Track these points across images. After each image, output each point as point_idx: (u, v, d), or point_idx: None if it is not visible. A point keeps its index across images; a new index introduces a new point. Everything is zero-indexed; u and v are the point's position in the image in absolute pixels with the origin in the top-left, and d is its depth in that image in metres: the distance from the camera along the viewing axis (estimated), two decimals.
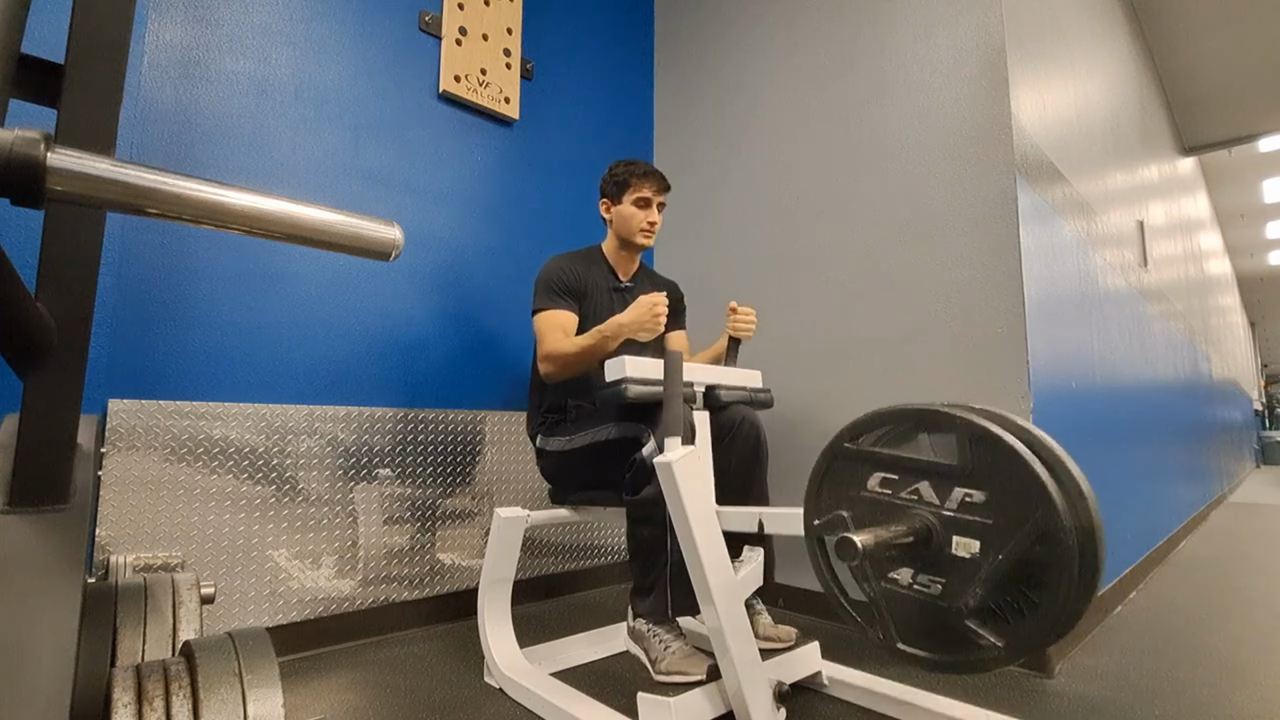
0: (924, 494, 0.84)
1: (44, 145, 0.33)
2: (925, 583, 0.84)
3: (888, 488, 0.88)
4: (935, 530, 0.83)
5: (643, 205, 1.69)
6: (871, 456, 0.90)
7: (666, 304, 1.47)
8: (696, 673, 1.32)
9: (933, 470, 0.84)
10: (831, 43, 2.11)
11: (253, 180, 1.63)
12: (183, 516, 1.46)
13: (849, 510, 0.92)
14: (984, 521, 0.79)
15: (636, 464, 1.37)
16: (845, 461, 0.93)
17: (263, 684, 0.59)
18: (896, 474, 0.87)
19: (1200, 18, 3.74)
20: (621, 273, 1.78)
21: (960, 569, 0.81)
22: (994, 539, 0.78)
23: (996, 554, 0.77)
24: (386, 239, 0.49)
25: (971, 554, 0.79)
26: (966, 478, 0.81)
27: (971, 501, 0.80)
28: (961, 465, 0.81)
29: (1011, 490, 0.76)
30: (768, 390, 1.57)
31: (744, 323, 1.63)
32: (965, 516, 0.80)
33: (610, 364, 1.32)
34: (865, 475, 0.90)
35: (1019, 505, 0.76)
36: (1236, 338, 8.71)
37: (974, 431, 0.80)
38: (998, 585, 0.78)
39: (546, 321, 1.60)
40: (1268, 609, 2.08)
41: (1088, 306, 2.12)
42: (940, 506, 0.83)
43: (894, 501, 0.87)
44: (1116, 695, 1.37)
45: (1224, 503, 5.20)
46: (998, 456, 0.78)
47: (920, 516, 0.84)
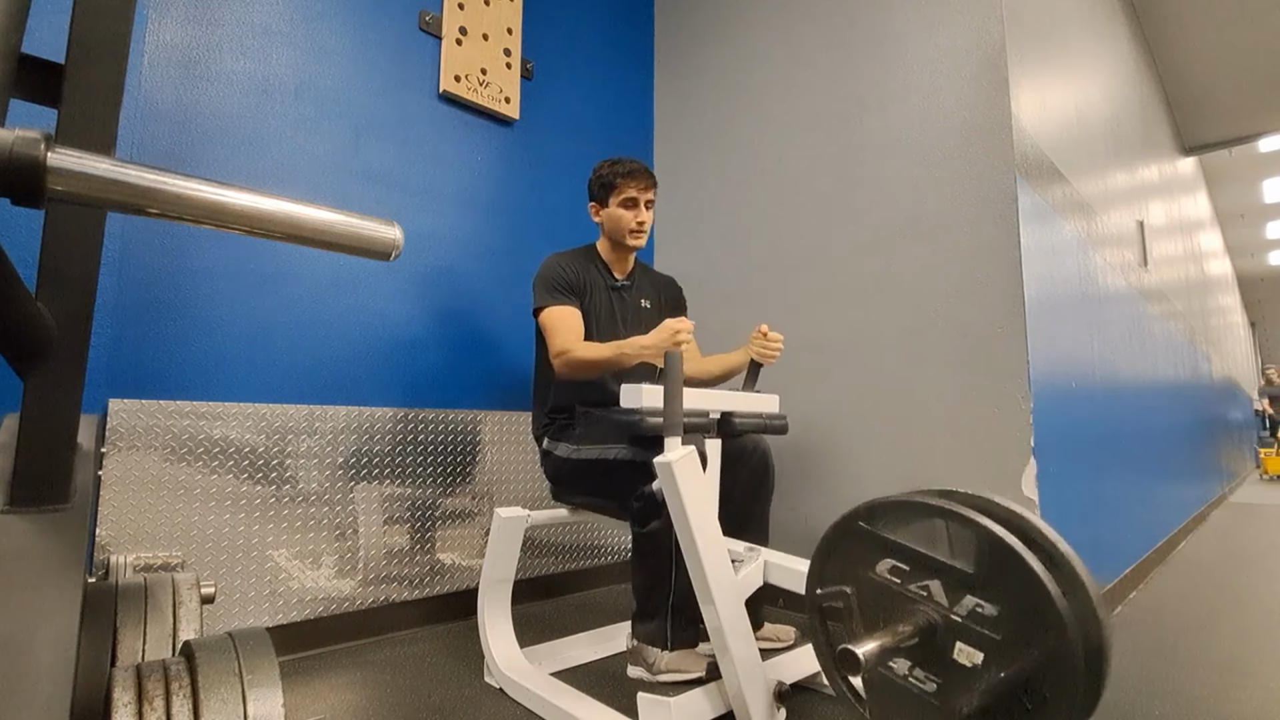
0: (934, 592, 0.82)
1: (44, 145, 0.33)
2: (922, 678, 0.82)
3: (897, 576, 0.86)
4: (939, 632, 0.81)
5: (630, 206, 1.66)
6: (885, 543, 0.87)
7: (690, 331, 1.42)
8: (695, 670, 1.32)
9: (947, 572, 0.81)
10: (831, 43, 2.11)
11: (253, 180, 1.63)
12: (183, 516, 1.46)
13: (853, 588, 0.90)
14: (992, 636, 0.77)
15: (646, 497, 1.35)
16: (857, 540, 0.91)
17: (263, 684, 0.59)
18: (908, 565, 0.85)
19: (1200, 18, 3.74)
20: (617, 271, 1.76)
21: (960, 675, 0.79)
22: (1000, 654, 0.76)
23: (999, 670, 0.76)
24: (386, 239, 0.49)
25: (974, 664, 0.78)
26: (981, 587, 0.78)
27: (982, 613, 0.78)
28: (978, 573, 0.79)
29: (1025, 612, 0.74)
30: (783, 416, 1.54)
31: (772, 350, 1.57)
32: (973, 627, 0.78)
33: (627, 390, 1.29)
34: (876, 559, 0.88)
35: (1032, 628, 0.74)
36: (1236, 338, 8.71)
37: (994, 542, 0.77)
38: (996, 697, 0.76)
39: (554, 318, 1.58)
40: (1268, 609, 2.08)
41: (1088, 306, 2.12)
42: (949, 610, 0.80)
43: (902, 593, 0.85)
44: (1116, 695, 1.37)
45: (1224, 503, 5.20)
46: (1016, 575, 0.75)
47: (926, 615, 0.82)
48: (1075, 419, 1.89)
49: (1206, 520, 4.13)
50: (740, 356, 1.66)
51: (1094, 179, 2.38)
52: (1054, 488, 1.63)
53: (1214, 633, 1.81)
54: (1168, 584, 2.40)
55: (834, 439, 1.94)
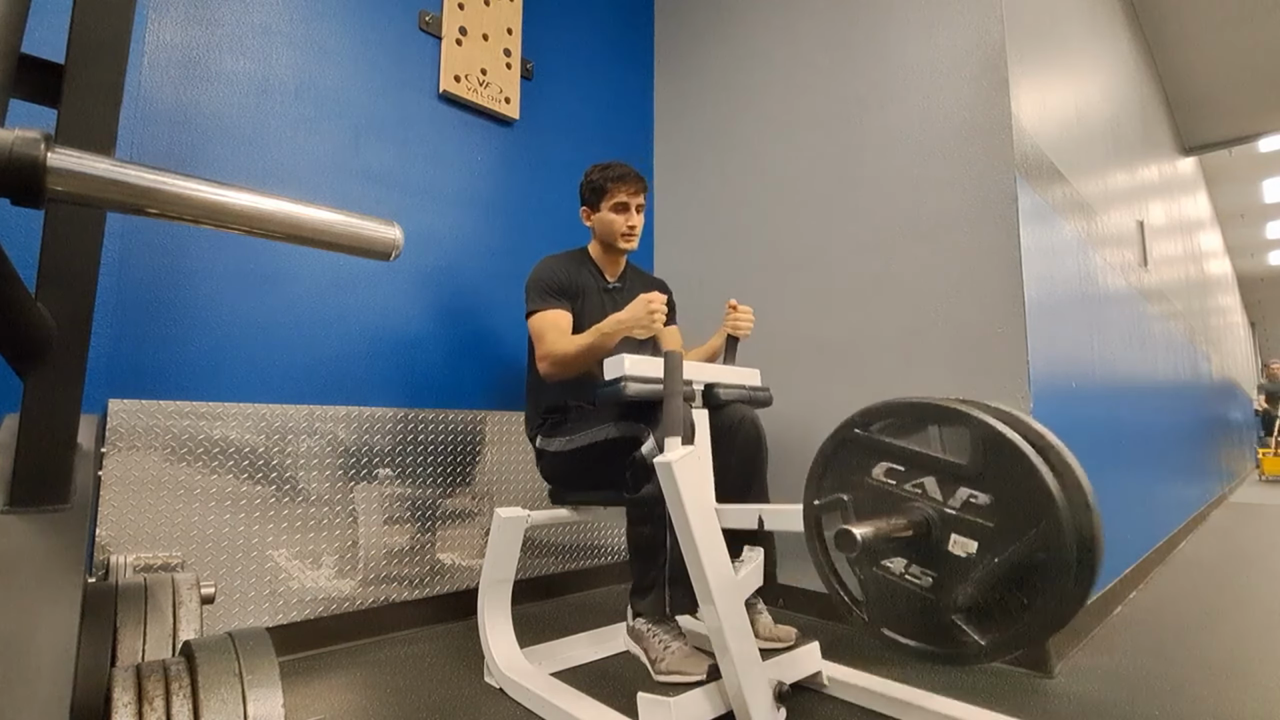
0: (928, 489, 0.84)
1: (44, 145, 0.33)
2: (917, 574, 0.84)
3: (892, 478, 0.88)
4: (935, 526, 0.82)
5: (621, 210, 1.69)
6: (880, 446, 0.89)
7: (665, 302, 1.47)
8: (696, 673, 1.32)
9: (940, 467, 0.83)
10: (831, 43, 2.11)
11: (253, 180, 1.63)
12: (183, 516, 1.46)
13: (851, 495, 0.92)
14: (985, 524, 0.78)
15: (636, 462, 1.37)
16: (853, 447, 0.92)
17: (263, 684, 0.59)
18: (903, 466, 0.87)
19: (1200, 18, 3.74)
20: (609, 274, 1.79)
21: (954, 566, 0.81)
22: (993, 542, 0.78)
23: (993, 557, 0.77)
24: (386, 239, 0.49)
25: (968, 553, 0.79)
26: (973, 479, 0.80)
27: (975, 503, 0.80)
28: (970, 465, 0.81)
29: (1018, 497, 0.76)
30: (766, 389, 1.57)
31: (743, 321, 1.63)
32: (967, 517, 0.80)
33: (609, 362, 1.32)
34: (871, 463, 0.90)
35: (1023, 513, 0.75)
36: (1236, 338, 8.71)
37: (987, 433, 0.79)
38: (989, 585, 0.78)
39: (543, 322, 1.60)
40: (1268, 609, 2.07)
41: (1088, 306, 2.12)
42: (943, 504, 0.82)
43: (897, 493, 0.87)
44: (1116, 695, 1.37)
45: (1224, 503, 5.20)
46: (1008, 462, 0.77)
47: (921, 510, 0.84)
48: (1075, 419, 1.89)
49: (1206, 520, 4.13)
50: (717, 339, 1.72)
51: (1094, 179, 2.37)
52: None
53: (1214, 633, 1.81)
54: (1168, 584, 2.40)
55: None
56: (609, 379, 1.31)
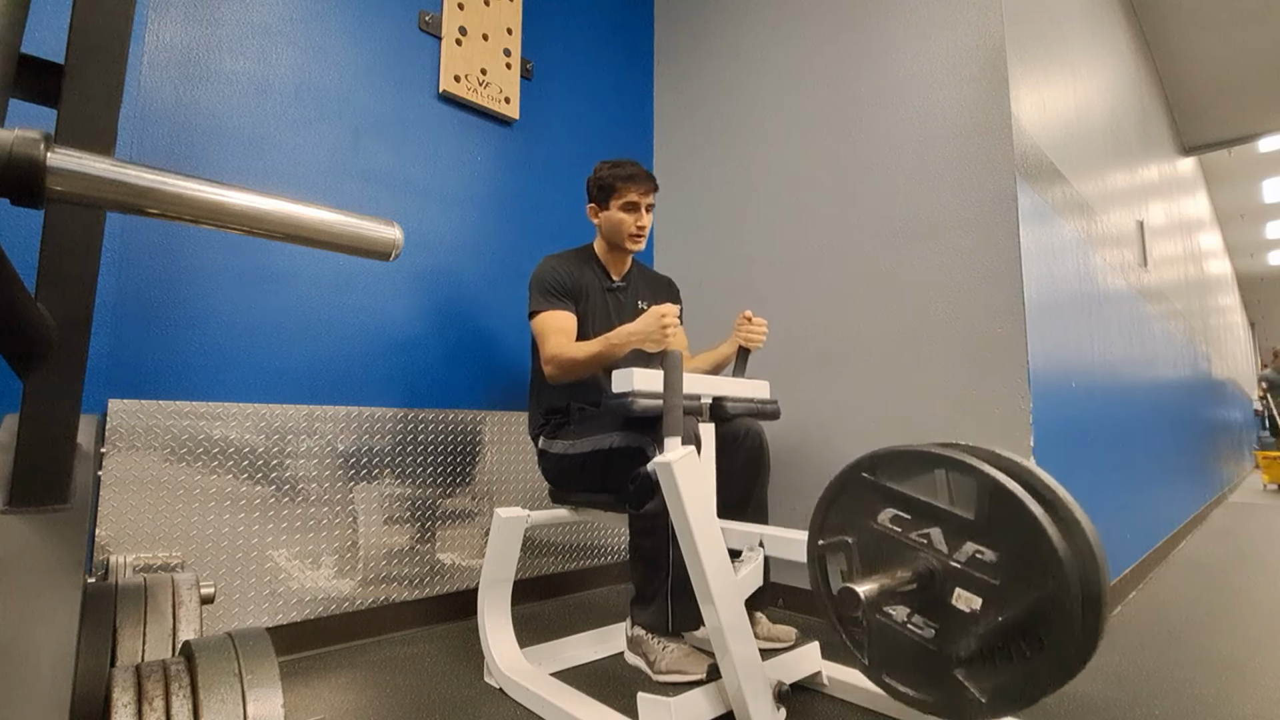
0: (934, 540, 0.82)
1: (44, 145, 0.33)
2: (920, 624, 0.83)
3: (898, 525, 0.86)
4: (939, 578, 0.81)
5: (630, 210, 1.65)
6: (887, 492, 0.88)
7: (677, 316, 1.42)
8: (696, 672, 1.32)
9: (947, 519, 0.82)
10: (831, 43, 2.11)
11: (252, 180, 1.63)
12: (183, 516, 1.46)
13: (855, 537, 0.90)
14: (991, 581, 0.77)
15: (641, 478, 1.35)
16: (859, 490, 0.91)
17: (263, 684, 0.59)
18: (909, 514, 0.85)
19: (1200, 18, 3.74)
20: (614, 272, 1.76)
21: (957, 620, 0.79)
22: (998, 599, 0.76)
23: (997, 615, 0.76)
24: (386, 239, 0.49)
25: (972, 609, 0.78)
26: (980, 534, 0.79)
27: (981, 559, 0.78)
28: (978, 520, 0.79)
29: (1025, 557, 0.74)
30: (775, 401, 1.54)
31: (757, 334, 1.59)
32: (973, 572, 0.78)
33: (618, 375, 1.29)
34: (877, 508, 0.89)
35: (1030, 573, 0.74)
36: (1236, 338, 8.71)
37: (995, 488, 0.77)
38: (992, 642, 0.77)
39: (547, 323, 1.58)
40: (1268, 609, 2.07)
41: (1088, 306, 2.12)
42: (948, 556, 0.81)
43: (902, 540, 0.85)
44: (1116, 695, 1.37)
45: (1224, 503, 5.20)
46: (1016, 519, 0.75)
47: (925, 562, 0.82)
48: (1075, 419, 1.89)
49: (1206, 520, 4.13)
50: (728, 347, 1.68)
51: (1094, 179, 2.38)
52: None
53: (1214, 633, 1.81)
54: (1168, 584, 2.40)
55: (834, 439, 1.94)
56: (617, 391, 1.29)
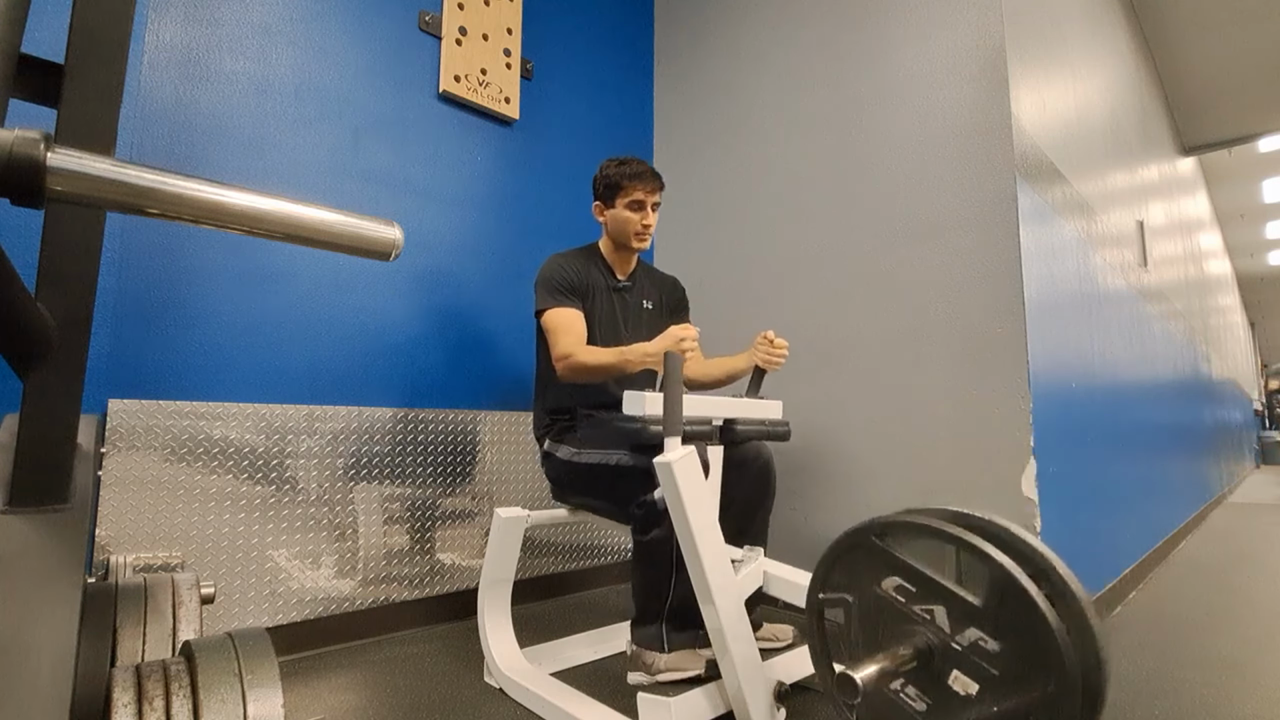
0: (937, 618, 0.81)
1: (44, 145, 0.33)
2: (913, 696, 0.82)
3: (903, 595, 0.85)
4: (938, 657, 0.80)
5: (636, 208, 1.64)
6: (895, 560, 0.87)
7: (696, 338, 1.40)
8: (694, 668, 1.32)
9: (954, 600, 0.81)
10: (831, 43, 2.11)
11: (253, 180, 1.63)
12: (183, 516, 1.46)
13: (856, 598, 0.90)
14: (990, 670, 0.76)
15: (647, 505, 1.34)
16: (867, 553, 0.90)
17: (263, 684, 0.59)
18: (915, 587, 0.85)
19: (1200, 18, 3.74)
20: (619, 272, 1.75)
21: (953, 701, 0.79)
22: (995, 689, 0.75)
23: (993, 705, 0.75)
24: (386, 239, 0.49)
25: (968, 693, 0.77)
26: (986, 622, 0.78)
27: (984, 647, 0.77)
28: (985, 607, 0.78)
29: (1028, 655, 0.74)
30: (786, 423, 1.51)
31: (776, 357, 1.53)
32: (973, 658, 0.78)
33: (630, 397, 1.27)
34: (883, 575, 0.88)
35: (1032, 671, 0.73)
36: (1236, 338, 8.70)
37: (1006, 581, 0.76)
38: None
39: (556, 321, 1.56)
40: (1268, 609, 2.07)
41: (1088, 306, 2.12)
42: (950, 637, 0.80)
43: (904, 611, 0.84)
44: (1116, 695, 1.37)
45: (1224, 503, 5.20)
46: (1024, 616, 0.74)
47: (926, 638, 0.82)
48: (1075, 419, 1.89)
49: (1206, 520, 4.13)
50: (743, 362, 1.63)
51: (1094, 179, 2.38)
52: (1054, 488, 1.63)
53: (1214, 633, 1.81)
54: (1168, 584, 2.40)
55: (834, 439, 1.94)
56: (628, 413, 1.28)
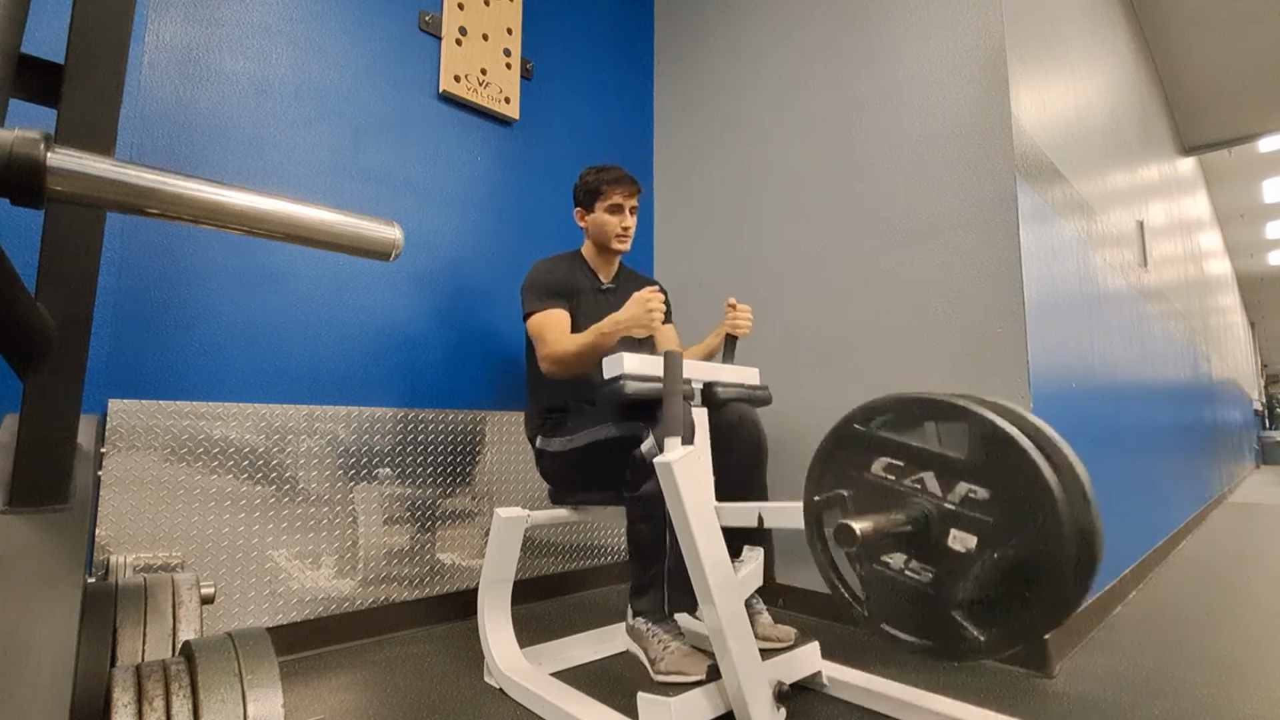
0: (927, 484, 0.84)
1: (44, 145, 0.33)
2: (917, 570, 0.84)
3: (891, 473, 0.87)
4: (934, 521, 0.82)
5: (615, 212, 1.71)
6: (879, 441, 0.89)
7: (662, 300, 1.48)
8: (696, 673, 1.32)
9: (939, 462, 0.83)
10: (831, 43, 2.11)
11: (252, 180, 1.63)
12: (183, 516, 1.46)
13: (850, 490, 0.91)
14: (984, 519, 0.78)
15: (636, 460, 1.38)
16: (852, 443, 0.92)
17: (263, 684, 0.59)
18: (902, 461, 0.87)
19: (1200, 18, 3.74)
20: (603, 275, 1.80)
21: (953, 561, 0.80)
22: (992, 537, 0.77)
23: (992, 552, 0.77)
24: (386, 239, 0.49)
25: (967, 549, 0.79)
26: (972, 473, 0.80)
27: (974, 498, 0.79)
28: (969, 460, 0.80)
29: (1016, 492, 0.76)
30: (765, 387, 1.57)
31: (742, 320, 1.64)
32: (966, 512, 0.80)
33: (609, 361, 1.32)
34: (870, 459, 0.90)
35: (1022, 507, 0.75)
36: (1236, 338, 8.70)
37: (985, 428, 0.79)
38: (989, 581, 0.78)
39: (544, 322, 1.61)
40: (1268, 609, 2.07)
41: (1088, 306, 2.11)
42: (942, 499, 0.82)
43: (896, 488, 0.86)
44: (1116, 695, 1.37)
45: (1224, 503, 5.20)
46: (1006, 456, 0.77)
47: (920, 506, 0.83)
48: (1075, 419, 1.89)
49: (1206, 520, 4.13)
50: (715, 338, 1.72)
51: (1094, 179, 2.37)
52: None
53: (1214, 633, 1.81)
54: (1168, 584, 2.40)
55: None
56: (608, 377, 1.32)
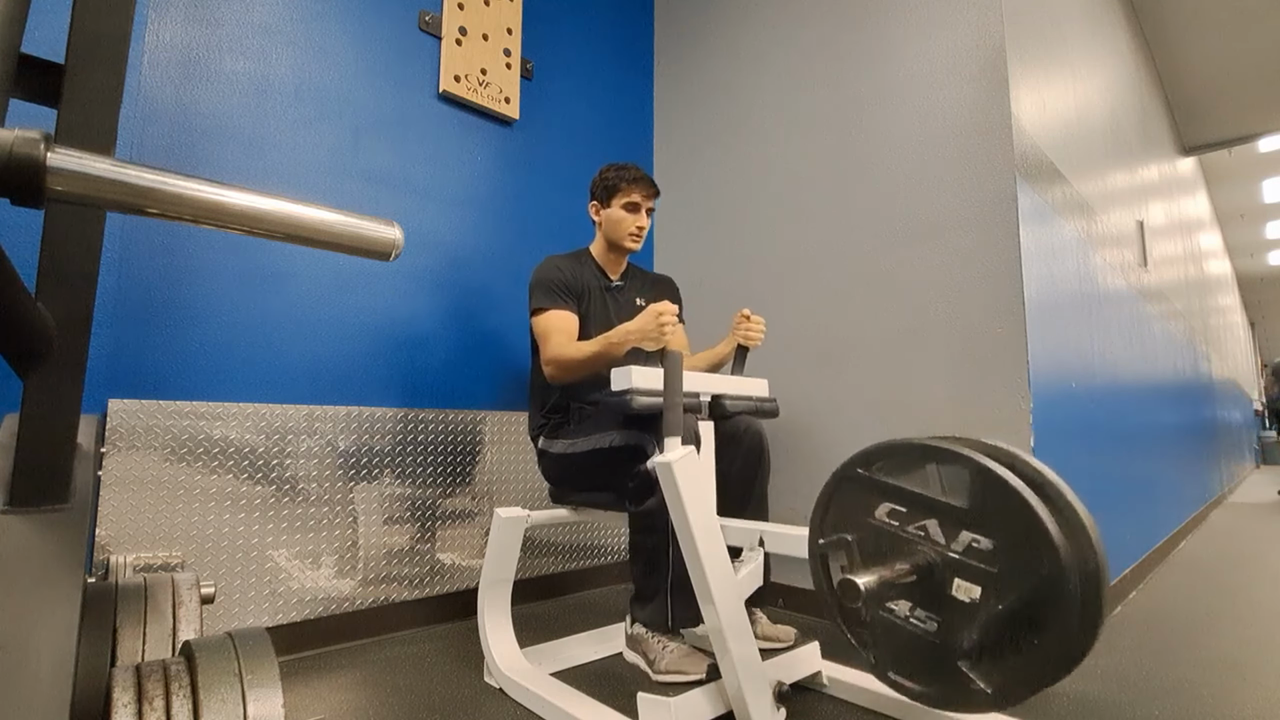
0: (931, 532, 0.83)
1: (44, 145, 0.33)
2: (922, 618, 0.83)
3: (895, 519, 0.87)
4: (937, 569, 0.82)
5: (632, 210, 1.70)
6: (882, 486, 0.89)
7: (675, 314, 1.42)
8: (696, 672, 1.32)
9: (942, 510, 0.82)
10: (831, 43, 2.11)
11: (252, 180, 1.63)
12: (183, 516, 1.46)
13: (854, 534, 0.91)
14: (988, 569, 0.77)
15: (640, 475, 1.36)
16: (855, 487, 0.92)
17: (263, 684, 0.59)
18: (905, 507, 0.86)
19: (1200, 18, 3.74)
20: (611, 273, 1.78)
21: (959, 610, 0.80)
22: (997, 587, 0.77)
23: (997, 603, 0.76)
24: (386, 239, 0.49)
25: (971, 598, 0.78)
26: (975, 522, 0.79)
27: (978, 548, 0.78)
28: (972, 509, 0.80)
29: (1019, 542, 0.75)
30: (774, 400, 1.55)
31: (755, 332, 1.60)
32: (970, 562, 0.79)
33: (617, 373, 1.30)
34: (874, 504, 0.89)
35: (1025, 558, 0.74)
36: (1236, 338, 8.70)
37: (985, 475, 0.78)
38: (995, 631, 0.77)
39: (549, 323, 1.59)
40: (1268, 609, 2.07)
41: (1088, 306, 2.12)
42: (946, 547, 0.81)
43: (900, 534, 0.86)
44: (1116, 695, 1.37)
45: (1224, 503, 5.20)
46: (1007, 505, 0.76)
47: (924, 554, 0.83)
48: (1075, 419, 1.89)
49: (1206, 520, 4.13)
50: (725, 346, 1.69)
51: (1094, 179, 2.37)
52: None
53: (1214, 632, 1.81)
54: (1168, 584, 2.40)
55: (834, 439, 1.94)
56: (616, 389, 1.30)
